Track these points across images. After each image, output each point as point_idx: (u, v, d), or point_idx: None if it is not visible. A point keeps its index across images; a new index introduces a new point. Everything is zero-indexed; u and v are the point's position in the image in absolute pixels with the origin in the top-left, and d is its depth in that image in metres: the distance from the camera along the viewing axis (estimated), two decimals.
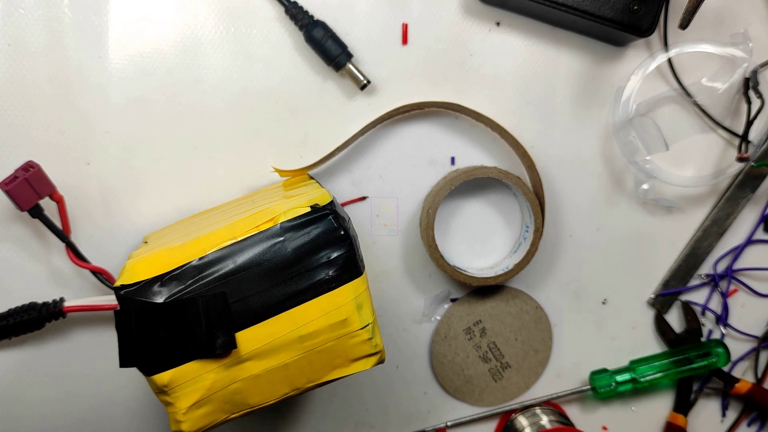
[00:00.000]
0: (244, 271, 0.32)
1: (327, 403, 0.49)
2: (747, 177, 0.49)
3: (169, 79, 0.43)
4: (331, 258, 0.33)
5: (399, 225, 0.47)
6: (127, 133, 0.44)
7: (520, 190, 0.45)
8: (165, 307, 0.31)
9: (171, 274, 0.32)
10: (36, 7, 0.42)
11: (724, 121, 0.48)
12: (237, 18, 0.44)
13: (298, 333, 0.32)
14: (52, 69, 0.42)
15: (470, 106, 0.45)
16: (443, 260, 0.45)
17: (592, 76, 0.47)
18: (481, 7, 0.45)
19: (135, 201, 0.44)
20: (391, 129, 0.46)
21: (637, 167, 0.47)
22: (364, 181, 0.47)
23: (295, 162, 0.45)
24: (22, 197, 0.39)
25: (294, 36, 0.44)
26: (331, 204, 0.34)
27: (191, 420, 0.32)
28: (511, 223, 0.49)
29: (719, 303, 0.51)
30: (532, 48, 0.46)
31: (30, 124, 0.43)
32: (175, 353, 0.32)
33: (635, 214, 0.50)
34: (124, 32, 0.43)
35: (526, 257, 0.46)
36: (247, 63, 0.44)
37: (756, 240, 0.51)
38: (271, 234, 0.33)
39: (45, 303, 0.42)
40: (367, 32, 0.45)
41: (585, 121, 0.48)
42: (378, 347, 0.34)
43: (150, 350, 0.31)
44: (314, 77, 0.45)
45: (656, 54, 0.46)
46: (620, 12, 0.43)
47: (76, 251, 0.42)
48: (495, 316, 0.49)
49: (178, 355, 0.32)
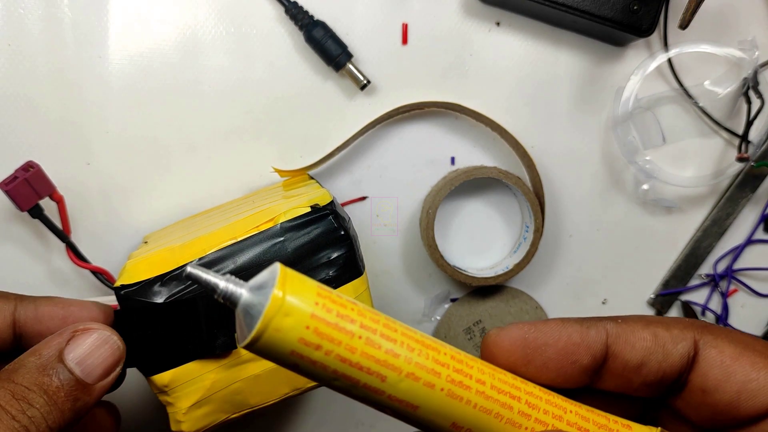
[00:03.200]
0: (244, 271, 0.32)
1: (327, 403, 0.49)
2: (747, 177, 0.49)
3: (169, 79, 0.43)
4: (331, 258, 0.33)
5: (399, 225, 0.47)
6: (127, 133, 0.44)
7: (520, 190, 0.45)
8: (165, 307, 0.31)
9: (171, 274, 0.32)
10: (36, 7, 0.42)
11: (724, 122, 0.48)
12: (237, 18, 0.44)
13: None
14: (52, 69, 0.42)
15: (470, 106, 0.45)
16: (443, 260, 0.45)
17: (592, 76, 0.47)
18: (481, 7, 0.45)
19: (135, 201, 0.44)
20: (391, 129, 0.46)
21: (637, 167, 0.47)
22: (364, 181, 0.47)
23: (295, 162, 0.45)
24: (22, 197, 0.39)
25: (294, 36, 0.44)
26: (331, 204, 0.34)
27: (191, 420, 0.32)
28: (511, 223, 0.49)
29: (719, 303, 0.51)
30: (532, 48, 0.46)
31: (30, 124, 0.43)
32: (176, 353, 0.32)
33: (635, 214, 0.50)
34: (124, 32, 0.43)
35: (526, 257, 0.46)
36: (247, 63, 0.44)
37: (756, 240, 0.51)
38: (271, 234, 0.33)
39: None
40: (367, 32, 0.45)
41: (585, 121, 0.48)
42: None
43: (150, 350, 0.31)
44: (314, 77, 0.45)
45: (656, 54, 0.46)
46: (620, 12, 0.43)
47: (76, 251, 0.42)
48: (495, 316, 0.49)
49: (179, 355, 0.32)
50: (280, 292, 0.19)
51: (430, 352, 0.21)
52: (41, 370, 0.26)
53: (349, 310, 0.20)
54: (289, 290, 0.19)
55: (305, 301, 0.20)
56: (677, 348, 0.24)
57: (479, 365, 0.22)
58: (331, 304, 0.20)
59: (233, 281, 0.20)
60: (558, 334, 0.24)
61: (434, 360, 0.21)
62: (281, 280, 0.20)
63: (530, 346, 0.24)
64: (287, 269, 0.20)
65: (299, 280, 0.20)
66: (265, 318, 0.19)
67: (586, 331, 0.24)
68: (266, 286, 0.20)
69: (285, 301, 0.19)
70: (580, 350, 0.24)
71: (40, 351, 0.27)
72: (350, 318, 0.20)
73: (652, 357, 0.24)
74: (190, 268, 0.20)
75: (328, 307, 0.20)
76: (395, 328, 0.21)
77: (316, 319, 0.20)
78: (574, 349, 0.24)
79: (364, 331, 0.20)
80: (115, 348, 0.28)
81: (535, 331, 0.24)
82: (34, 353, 0.27)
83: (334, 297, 0.20)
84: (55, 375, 0.26)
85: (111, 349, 0.28)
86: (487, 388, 0.22)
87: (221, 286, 0.20)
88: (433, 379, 0.21)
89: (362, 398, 0.21)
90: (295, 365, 0.20)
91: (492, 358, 0.24)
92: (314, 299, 0.20)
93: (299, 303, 0.19)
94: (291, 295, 0.19)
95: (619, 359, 0.24)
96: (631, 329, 0.24)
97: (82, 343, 0.27)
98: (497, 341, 0.24)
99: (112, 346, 0.28)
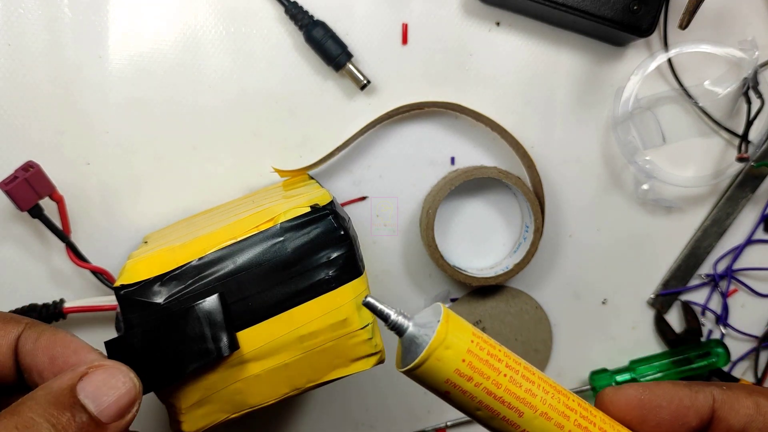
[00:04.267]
0: (244, 272, 0.32)
1: (327, 403, 0.49)
2: (747, 177, 0.49)
3: (169, 79, 0.43)
4: (331, 258, 0.33)
5: (399, 225, 0.47)
6: (127, 133, 0.44)
7: (520, 190, 0.45)
8: (167, 312, 0.31)
9: (171, 274, 0.32)
10: (36, 7, 0.42)
11: (724, 122, 0.48)
12: (237, 18, 0.44)
13: (298, 333, 0.32)
14: (52, 69, 0.42)
15: (470, 106, 0.45)
16: (443, 260, 0.45)
17: (592, 76, 0.47)
18: (481, 7, 0.45)
19: (135, 201, 0.44)
20: (391, 129, 0.46)
21: (637, 167, 0.47)
22: (364, 181, 0.47)
23: (295, 162, 0.45)
24: (22, 197, 0.39)
25: (294, 36, 0.44)
26: (331, 204, 0.34)
27: (191, 420, 0.32)
28: (511, 223, 0.49)
29: (719, 303, 0.51)
30: (532, 48, 0.46)
31: (30, 124, 0.43)
32: (180, 364, 0.31)
33: (635, 214, 0.50)
34: (124, 32, 0.43)
35: (526, 257, 0.46)
36: (247, 63, 0.44)
37: (756, 240, 0.51)
38: (271, 234, 0.33)
39: (45, 304, 0.42)
40: (367, 32, 0.45)
41: (585, 121, 0.48)
42: (378, 347, 0.34)
43: (156, 364, 0.31)
44: (314, 77, 0.45)
45: (656, 54, 0.46)
46: (620, 12, 0.43)
47: (76, 251, 0.42)
48: (495, 316, 0.49)
49: (183, 365, 0.31)
50: (444, 327, 0.23)
51: (561, 397, 0.24)
52: (52, 403, 0.24)
53: (497, 351, 0.24)
54: (451, 327, 0.24)
55: (463, 338, 0.24)
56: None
57: (602, 416, 0.25)
58: (484, 343, 0.24)
59: (402, 314, 0.24)
60: (671, 397, 0.26)
61: (565, 404, 0.24)
62: (445, 318, 0.24)
63: (645, 407, 0.26)
64: (449, 310, 0.24)
65: (458, 320, 0.24)
66: (430, 347, 0.23)
67: (695, 395, 0.26)
68: (431, 322, 0.24)
69: (447, 335, 0.23)
70: (690, 413, 0.26)
71: (51, 385, 0.25)
72: (498, 357, 0.24)
73: (753, 424, 0.26)
74: (369, 299, 0.25)
75: (481, 345, 0.24)
76: (533, 372, 0.24)
77: (471, 354, 0.23)
78: (685, 411, 0.26)
79: (509, 370, 0.24)
80: (131, 386, 0.27)
81: (650, 393, 0.26)
82: (45, 387, 0.25)
83: (485, 338, 0.24)
84: (66, 410, 0.24)
85: (126, 387, 0.27)
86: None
87: (392, 317, 0.24)
88: (563, 421, 0.24)
89: (497, 430, 0.24)
90: (447, 393, 0.24)
91: (608, 414, 0.26)
92: (470, 338, 0.24)
93: (458, 338, 0.23)
94: (452, 331, 0.23)
95: (723, 423, 0.26)
96: (736, 396, 0.26)
97: (96, 379, 0.26)
98: (614, 400, 0.27)
99: (128, 384, 0.27)
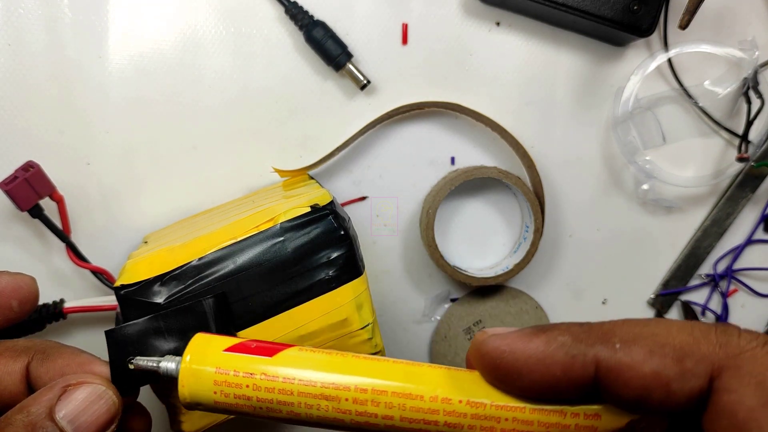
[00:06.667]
0: (244, 272, 0.32)
1: None
2: (747, 177, 0.49)
3: (169, 79, 0.43)
4: (331, 258, 0.33)
5: (399, 225, 0.47)
6: (127, 133, 0.44)
7: (520, 190, 0.45)
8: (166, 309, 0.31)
9: (171, 274, 0.32)
10: (36, 7, 0.42)
11: (724, 122, 0.48)
12: (237, 18, 0.44)
13: (298, 333, 0.32)
14: (52, 69, 0.42)
15: (470, 106, 0.45)
16: (443, 260, 0.45)
17: (592, 76, 0.47)
18: (481, 7, 0.45)
19: (135, 201, 0.44)
20: (391, 129, 0.46)
21: (637, 167, 0.47)
22: (364, 181, 0.47)
23: (295, 162, 0.45)
24: (22, 197, 0.39)
25: (294, 36, 0.44)
26: (331, 204, 0.34)
27: (191, 420, 0.32)
28: (511, 223, 0.49)
29: (719, 303, 0.51)
30: (532, 48, 0.46)
31: (30, 124, 0.43)
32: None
33: (635, 214, 0.50)
34: (124, 32, 0.43)
35: (526, 257, 0.46)
36: (247, 63, 0.44)
37: (756, 240, 0.51)
38: (271, 234, 0.33)
39: (45, 304, 0.42)
40: (367, 32, 0.45)
41: (585, 121, 0.48)
42: (378, 347, 0.34)
43: None
44: (314, 77, 0.45)
45: (656, 54, 0.46)
46: (620, 12, 0.43)
47: (76, 251, 0.42)
48: (495, 316, 0.49)
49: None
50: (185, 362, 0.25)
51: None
52: (29, 428, 0.24)
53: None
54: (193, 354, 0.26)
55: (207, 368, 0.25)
56: (684, 388, 0.19)
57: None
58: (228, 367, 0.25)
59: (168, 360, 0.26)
60: (535, 363, 0.21)
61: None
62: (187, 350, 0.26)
63: (501, 370, 0.22)
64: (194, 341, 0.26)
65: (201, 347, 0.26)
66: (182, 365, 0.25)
67: (570, 363, 0.20)
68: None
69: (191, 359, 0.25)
70: (562, 385, 0.21)
71: (28, 407, 0.25)
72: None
73: (651, 395, 0.20)
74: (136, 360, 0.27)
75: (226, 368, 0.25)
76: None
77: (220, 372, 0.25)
78: (555, 383, 0.21)
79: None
80: (111, 404, 0.26)
81: (511, 355, 0.21)
82: (22, 410, 0.25)
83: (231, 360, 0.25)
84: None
85: (106, 405, 0.26)
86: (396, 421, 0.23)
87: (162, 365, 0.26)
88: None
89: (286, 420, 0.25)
90: (233, 404, 0.25)
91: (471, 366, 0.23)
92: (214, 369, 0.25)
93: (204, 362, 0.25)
94: (194, 357, 0.26)
95: (611, 394, 0.20)
96: (632, 363, 0.20)
97: (74, 398, 0.25)
98: (476, 355, 0.23)
99: (107, 402, 0.26)
